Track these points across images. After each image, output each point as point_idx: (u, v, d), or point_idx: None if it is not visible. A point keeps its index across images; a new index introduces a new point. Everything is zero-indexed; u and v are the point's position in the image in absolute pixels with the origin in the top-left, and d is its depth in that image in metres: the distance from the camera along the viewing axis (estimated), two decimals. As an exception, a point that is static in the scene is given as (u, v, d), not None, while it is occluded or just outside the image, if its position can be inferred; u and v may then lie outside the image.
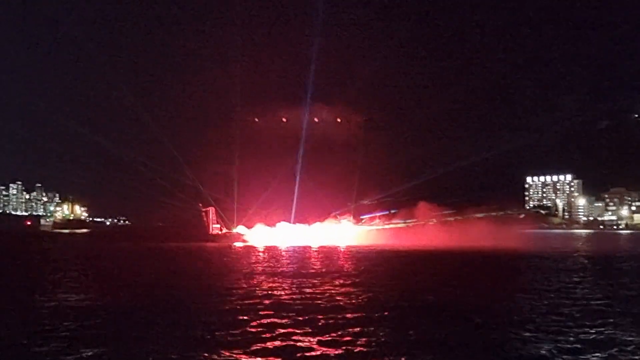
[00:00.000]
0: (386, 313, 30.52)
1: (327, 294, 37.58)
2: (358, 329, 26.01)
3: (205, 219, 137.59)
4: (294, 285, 42.65)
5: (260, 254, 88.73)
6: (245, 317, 28.94)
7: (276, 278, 48.74)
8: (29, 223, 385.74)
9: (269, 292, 39.09)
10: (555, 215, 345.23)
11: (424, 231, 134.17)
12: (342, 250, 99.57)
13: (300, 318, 28.59)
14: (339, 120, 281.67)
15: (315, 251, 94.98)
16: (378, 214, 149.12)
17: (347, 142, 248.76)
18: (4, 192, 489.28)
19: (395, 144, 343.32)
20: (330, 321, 27.80)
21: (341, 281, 46.03)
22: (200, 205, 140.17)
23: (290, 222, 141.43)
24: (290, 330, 25.75)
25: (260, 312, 30.39)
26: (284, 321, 27.84)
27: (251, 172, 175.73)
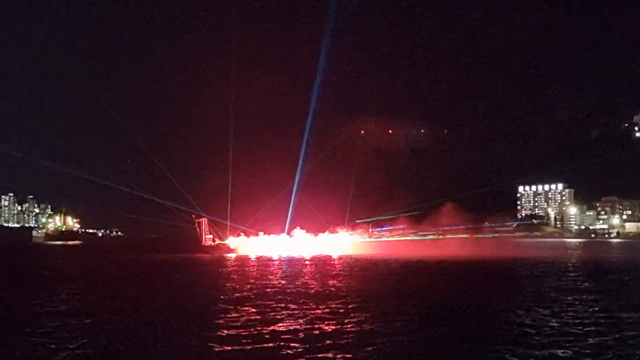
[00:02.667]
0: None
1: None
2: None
3: (198, 230, 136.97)
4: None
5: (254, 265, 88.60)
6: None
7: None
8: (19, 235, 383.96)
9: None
10: (547, 224, 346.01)
11: (418, 243, 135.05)
12: (335, 259, 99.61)
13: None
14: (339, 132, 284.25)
15: (309, 262, 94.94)
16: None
17: (345, 156, 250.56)
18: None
19: (390, 153, 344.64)
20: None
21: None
22: (193, 216, 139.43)
23: (284, 233, 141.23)
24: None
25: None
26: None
27: (245, 183, 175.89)
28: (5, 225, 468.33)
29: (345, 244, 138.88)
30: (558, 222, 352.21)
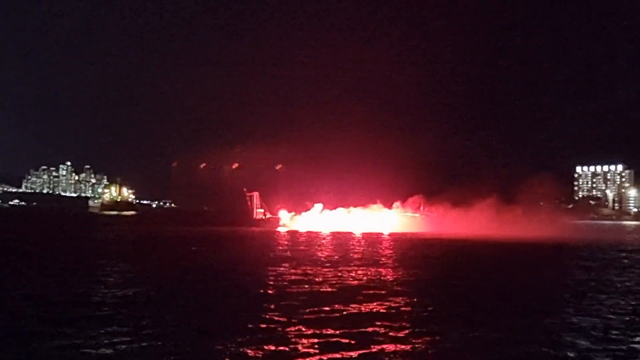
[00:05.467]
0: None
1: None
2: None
3: (249, 203, 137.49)
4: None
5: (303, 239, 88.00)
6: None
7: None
8: (76, 204, 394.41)
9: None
10: (605, 206, 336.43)
11: (473, 220, 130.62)
12: (386, 237, 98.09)
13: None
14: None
15: (358, 239, 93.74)
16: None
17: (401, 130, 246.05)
18: (54, 173, 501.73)
19: (447, 134, 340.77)
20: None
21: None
22: (245, 190, 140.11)
23: (334, 208, 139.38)
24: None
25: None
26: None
27: (298, 157, 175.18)
28: (63, 194, 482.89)
29: (397, 220, 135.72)
30: (616, 204, 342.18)
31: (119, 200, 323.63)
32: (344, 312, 27.17)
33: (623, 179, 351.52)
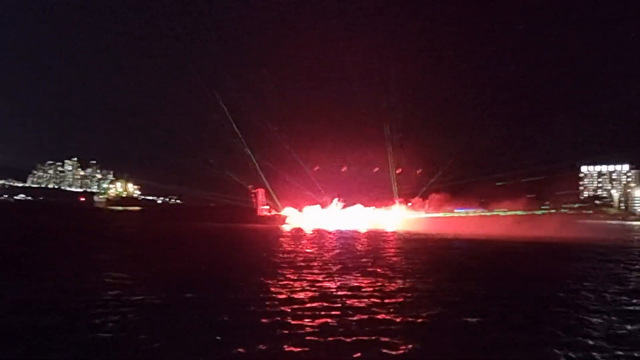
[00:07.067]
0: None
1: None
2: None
3: (254, 200, 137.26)
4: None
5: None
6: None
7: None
8: (82, 199, 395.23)
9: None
10: (611, 206, 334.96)
11: (481, 221, 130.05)
12: (390, 234, 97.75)
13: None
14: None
15: (363, 236, 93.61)
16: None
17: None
18: (59, 168, 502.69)
19: (448, 131, 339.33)
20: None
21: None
22: (251, 186, 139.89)
23: (338, 205, 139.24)
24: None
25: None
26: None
27: (303, 151, 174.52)
28: (69, 189, 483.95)
29: (400, 218, 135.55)
30: (622, 204, 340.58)
31: (124, 195, 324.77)
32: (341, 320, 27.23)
33: (629, 179, 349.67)
